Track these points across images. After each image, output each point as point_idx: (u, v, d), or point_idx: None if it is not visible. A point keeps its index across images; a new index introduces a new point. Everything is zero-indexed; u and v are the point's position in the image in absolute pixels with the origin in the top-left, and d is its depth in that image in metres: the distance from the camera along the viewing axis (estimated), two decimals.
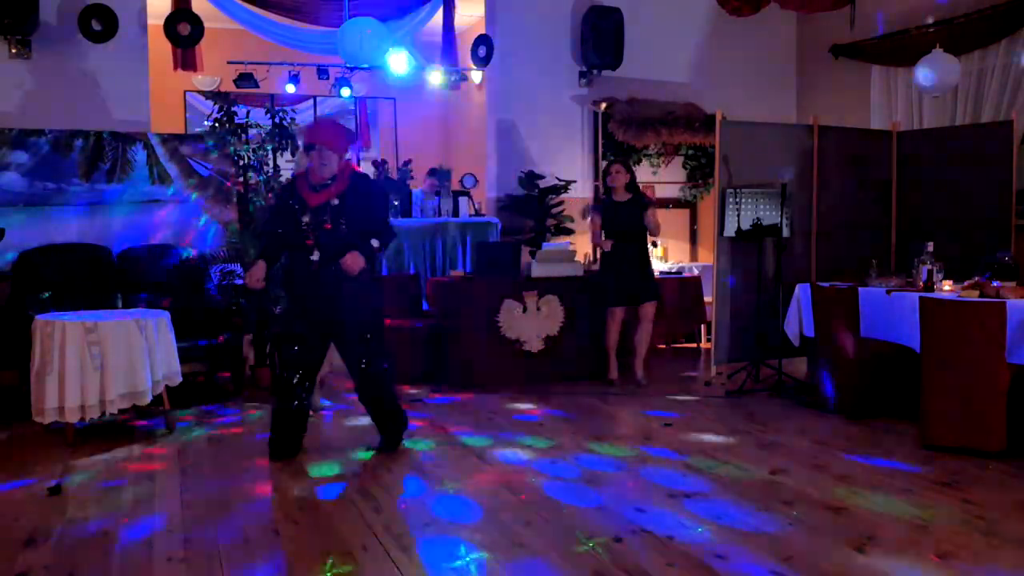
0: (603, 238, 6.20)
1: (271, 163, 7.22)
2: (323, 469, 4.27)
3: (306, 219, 4.31)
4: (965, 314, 4.47)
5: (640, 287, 6.21)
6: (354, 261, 4.23)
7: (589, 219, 6.40)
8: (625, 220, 6.15)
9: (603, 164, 8.25)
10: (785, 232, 6.21)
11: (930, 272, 5.23)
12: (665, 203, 8.87)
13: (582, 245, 8.18)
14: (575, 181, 8.12)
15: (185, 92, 9.74)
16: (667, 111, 8.27)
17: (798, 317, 5.91)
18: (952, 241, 5.99)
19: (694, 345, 8.26)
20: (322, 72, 8.43)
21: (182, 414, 5.45)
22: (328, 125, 4.70)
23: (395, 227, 4.81)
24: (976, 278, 4.99)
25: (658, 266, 8.08)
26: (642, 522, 3.45)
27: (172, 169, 6.95)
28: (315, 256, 4.29)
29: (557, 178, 8.01)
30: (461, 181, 8.59)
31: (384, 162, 8.49)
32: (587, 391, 6.12)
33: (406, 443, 4.72)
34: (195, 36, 7.27)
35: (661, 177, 8.87)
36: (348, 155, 4.50)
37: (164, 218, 6.89)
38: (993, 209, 6.32)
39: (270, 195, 6.86)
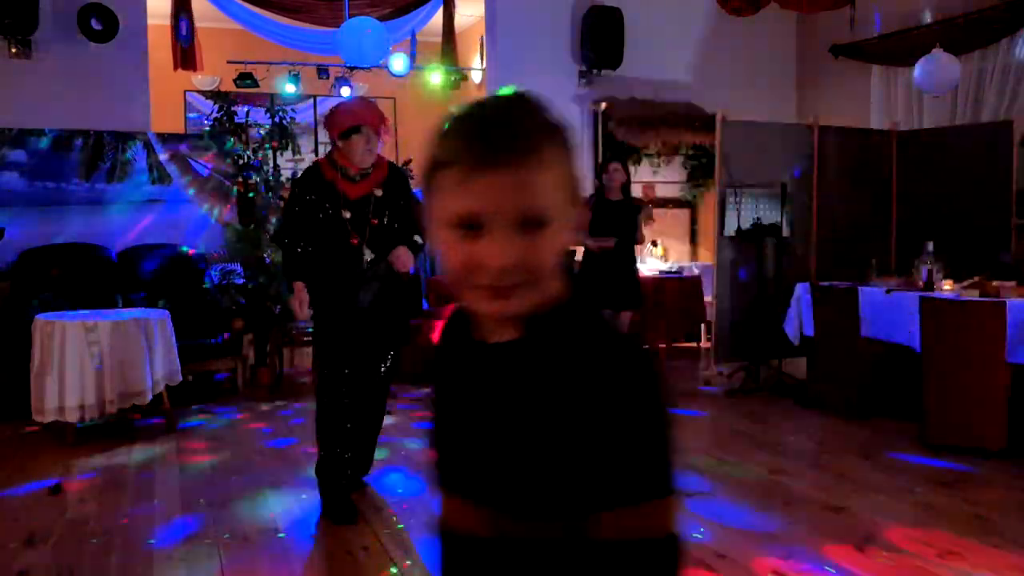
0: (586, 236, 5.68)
1: (271, 163, 7.21)
2: None
3: (347, 215, 3.65)
4: (965, 314, 4.47)
5: (623, 293, 5.72)
6: (407, 257, 3.70)
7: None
8: (615, 221, 5.80)
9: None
10: (785, 232, 6.20)
11: (930, 272, 5.22)
12: (665, 203, 8.86)
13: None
14: None
15: (185, 92, 9.74)
16: (667, 111, 8.26)
17: (798, 317, 5.90)
18: (952, 241, 5.98)
19: (694, 345, 8.26)
20: (322, 72, 8.42)
21: (182, 414, 5.45)
22: (368, 104, 3.81)
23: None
24: (976, 278, 4.99)
25: (658, 266, 8.07)
26: None
27: (172, 169, 6.94)
28: (367, 256, 3.67)
29: None
30: None
31: None
32: None
33: (408, 444, 4.72)
34: (189, 36, 7.29)
35: (661, 177, 8.87)
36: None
37: (164, 218, 6.88)
38: (993, 209, 6.31)
39: (270, 194, 6.85)
